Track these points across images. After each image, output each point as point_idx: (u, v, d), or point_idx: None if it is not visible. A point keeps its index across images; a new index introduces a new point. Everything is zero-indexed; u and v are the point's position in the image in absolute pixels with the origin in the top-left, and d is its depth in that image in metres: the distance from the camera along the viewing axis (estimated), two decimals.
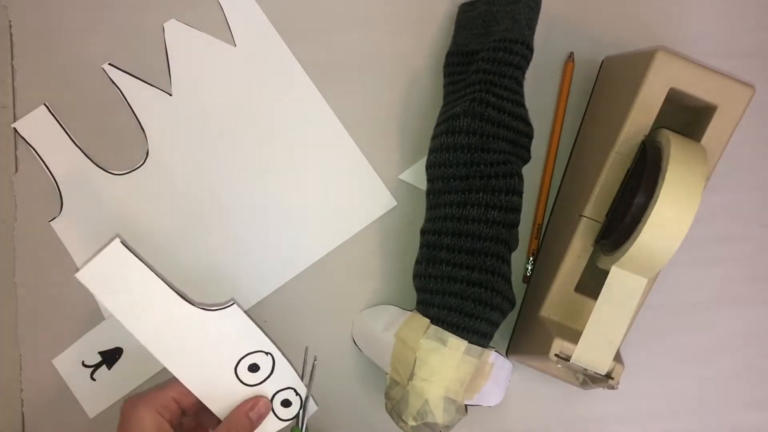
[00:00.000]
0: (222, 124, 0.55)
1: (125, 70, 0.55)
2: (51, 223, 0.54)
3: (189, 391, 0.45)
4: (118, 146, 0.54)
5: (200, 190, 0.54)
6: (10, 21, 0.55)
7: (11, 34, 0.55)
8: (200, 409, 0.46)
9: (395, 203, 0.55)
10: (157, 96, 0.54)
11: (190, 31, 0.55)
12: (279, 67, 0.55)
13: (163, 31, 0.55)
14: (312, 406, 0.49)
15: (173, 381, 0.45)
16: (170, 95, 0.55)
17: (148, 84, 0.55)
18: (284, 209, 0.55)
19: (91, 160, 0.54)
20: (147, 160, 0.54)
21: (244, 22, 0.55)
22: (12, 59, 0.55)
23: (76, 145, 0.54)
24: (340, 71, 0.55)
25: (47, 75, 0.54)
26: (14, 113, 0.54)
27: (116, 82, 0.54)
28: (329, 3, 0.56)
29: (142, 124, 0.54)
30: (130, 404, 0.43)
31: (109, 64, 0.55)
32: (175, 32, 0.55)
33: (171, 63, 0.55)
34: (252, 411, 0.45)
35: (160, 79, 0.55)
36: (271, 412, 0.47)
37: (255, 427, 0.45)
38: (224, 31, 0.55)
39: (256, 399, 0.45)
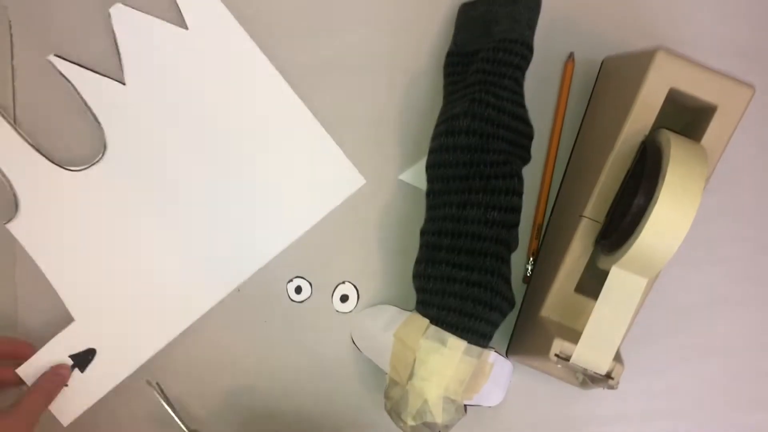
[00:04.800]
0: (180, 110, 0.53)
1: (74, 60, 0.53)
2: (7, 225, 0.52)
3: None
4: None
5: (163, 180, 0.53)
6: (10, 21, 0.55)
7: (11, 35, 0.55)
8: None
9: (364, 181, 0.55)
10: (109, 86, 0.52)
11: (138, 15, 0.53)
12: (234, 48, 0.53)
13: (110, 16, 0.53)
14: None
15: None
16: (123, 84, 0.53)
17: (100, 74, 0.53)
18: (251, 195, 0.54)
19: (46, 157, 0.52)
20: (106, 154, 0.53)
21: (194, 3, 0.53)
22: (12, 59, 0.55)
23: (28, 142, 0.52)
24: (340, 71, 0.55)
25: (47, 75, 0.54)
26: (14, 113, 0.54)
27: (65, 75, 0.52)
28: (330, 3, 0.56)
29: (97, 117, 0.52)
30: None
31: (56, 55, 0.53)
32: (123, 17, 0.52)
33: (121, 50, 0.52)
34: (50, 372, 0.50)
35: (111, 68, 0.53)
36: None
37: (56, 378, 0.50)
38: (174, 13, 0.53)
39: (59, 365, 0.50)
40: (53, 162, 0.53)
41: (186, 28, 0.53)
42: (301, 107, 0.54)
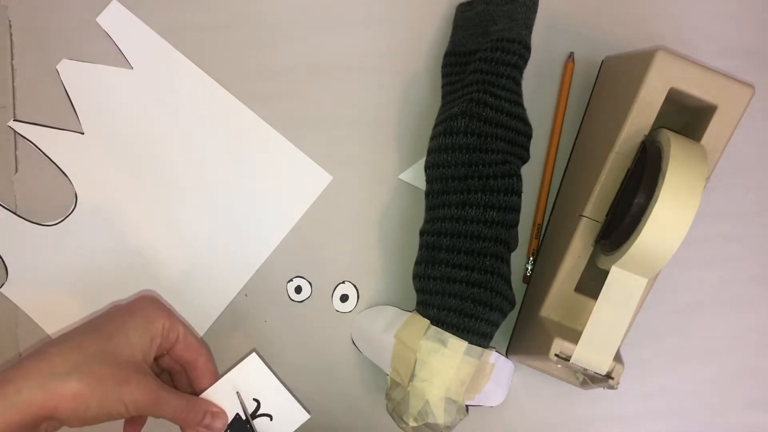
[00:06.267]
0: (142, 146, 0.54)
1: (31, 121, 0.54)
2: (1, 290, 0.53)
3: (190, 348, 0.45)
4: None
5: (137, 217, 0.54)
6: (10, 21, 0.55)
7: (11, 34, 0.55)
8: (180, 361, 0.46)
9: (331, 177, 0.55)
10: (69, 138, 0.54)
11: (84, 65, 0.54)
12: (179, 76, 0.55)
13: (58, 73, 0.54)
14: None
15: (189, 327, 0.45)
16: (82, 134, 0.54)
17: (58, 129, 0.54)
18: (227, 211, 0.55)
19: (22, 217, 0.54)
20: (78, 203, 0.54)
21: (134, 42, 0.55)
22: (12, 59, 0.55)
23: (4, 206, 0.54)
24: (339, 71, 0.55)
25: (47, 75, 0.54)
26: (14, 113, 0.54)
27: (26, 136, 0.54)
28: (329, 3, 0.56)
29: (63, 169, 0.54)
30: (151, 297, 0.44)
31: (14, 120, 0.54)
32: (70, 71, 0.54)
33: (74, 102, 0.54)
34: (210, 416, 0.44)
35: (68, 120, 0.54)
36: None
37: (201, 426, 0.44)
38: (118, 56, 0.55)
39: (221, 412, 0.45)
40: (30, 221, 0.54)
41: (131, 67, 0.54)
42: (258, 120, 0.55)
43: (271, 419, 0.47)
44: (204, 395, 0.46)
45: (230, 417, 0.46)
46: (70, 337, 0.40)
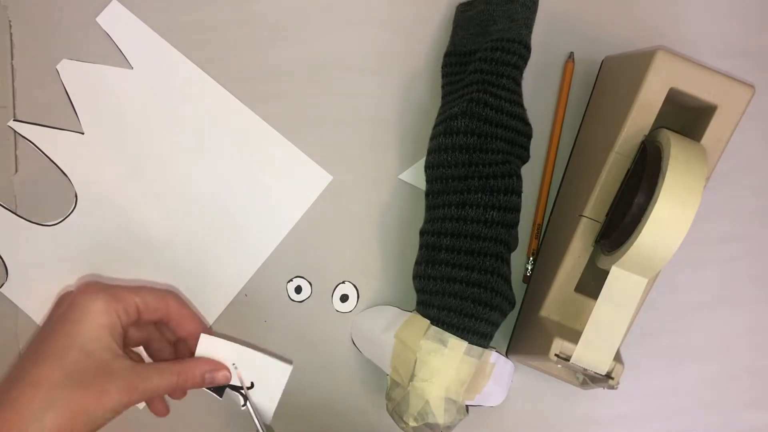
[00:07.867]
0: (142, 146, 0.54)
1: (31, 121, 0.54)
2: (1, 290, 0.53)
3: (157, 306, 0.42)
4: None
5: (136, 218, 0.54)
6: (10, 21, 0.55)
7: (11, 34, 0.55)
8: (154, 326, 0.44)
9: (331, 177, 0.55)
10: (69, 138, 0.54)
11: (84, 65, 0.54)
12: (179, 76, 0.55)
13: (58, 73, 0.54)
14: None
15: (146, 288, 0.42)
16: (82, 134, 0.54)
17: (58, 128, 0.54)
18: (227, 212, 0.55)
19: (22, 218, 0.54)
20: (78, 203, 0.54)
21: (134, 42, 0.55)
22: (12, 59, 0.55)
23: (3, 206, 0.54)
24: (339, 71, 0.55)
25: (47, 75, 0.54)
26: (14, 113, 0.54)
27: (26, 136, 0.54)
28: (329, 3, 0.56)
29: (63, 169, 0.54)
30: (88, 289, 0.39)
31: (14, 120, 0.54)
32: (70, 71, 0.54)
33: (74, 102, 0.54)
34: (209, 373, 0.42)
35: (68, 120, 0.54)
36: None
37: (203, 386, 0.43)
38: (118, 56, 0.55)
39: (220, 366, 0.43)
40: (30, 221, 0.54)
41: (131, 67, 0.54)
42: (258, 120, 0.55)
43: (253, 386, 0.45)
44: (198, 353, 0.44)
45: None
46: (26, 373, 0.37)
